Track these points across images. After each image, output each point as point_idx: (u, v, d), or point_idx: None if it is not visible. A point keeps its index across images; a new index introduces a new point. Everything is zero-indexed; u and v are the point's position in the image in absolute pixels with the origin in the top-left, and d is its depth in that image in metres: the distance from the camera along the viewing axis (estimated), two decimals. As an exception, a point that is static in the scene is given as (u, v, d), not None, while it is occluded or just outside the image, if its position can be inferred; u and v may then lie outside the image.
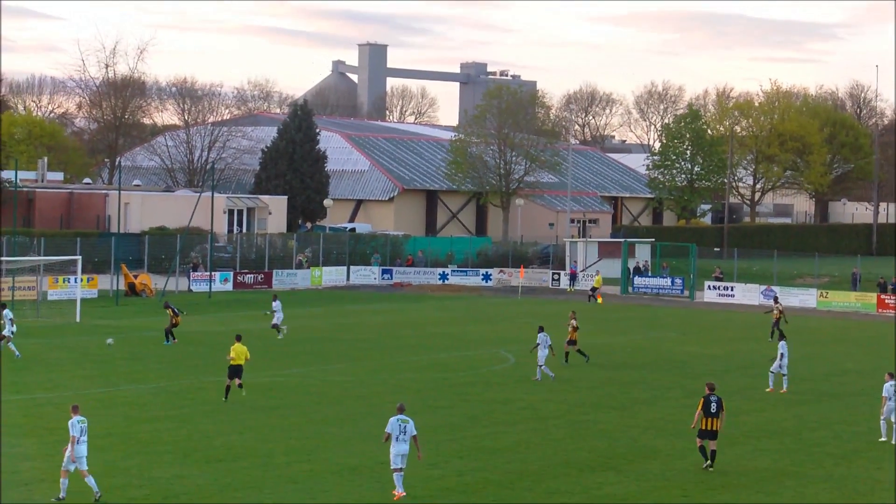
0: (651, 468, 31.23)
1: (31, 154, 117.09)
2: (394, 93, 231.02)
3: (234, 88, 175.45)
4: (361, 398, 40.19)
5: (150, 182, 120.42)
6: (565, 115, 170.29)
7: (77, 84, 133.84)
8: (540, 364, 44.99)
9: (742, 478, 30.66)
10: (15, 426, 33.53)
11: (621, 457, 32.42)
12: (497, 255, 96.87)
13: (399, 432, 27.66)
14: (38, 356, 47.98)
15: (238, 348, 39.75)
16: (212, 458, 30.79)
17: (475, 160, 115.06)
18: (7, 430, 33.01)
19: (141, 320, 61.73)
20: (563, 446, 33.48)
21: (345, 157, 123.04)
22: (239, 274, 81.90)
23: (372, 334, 58.45)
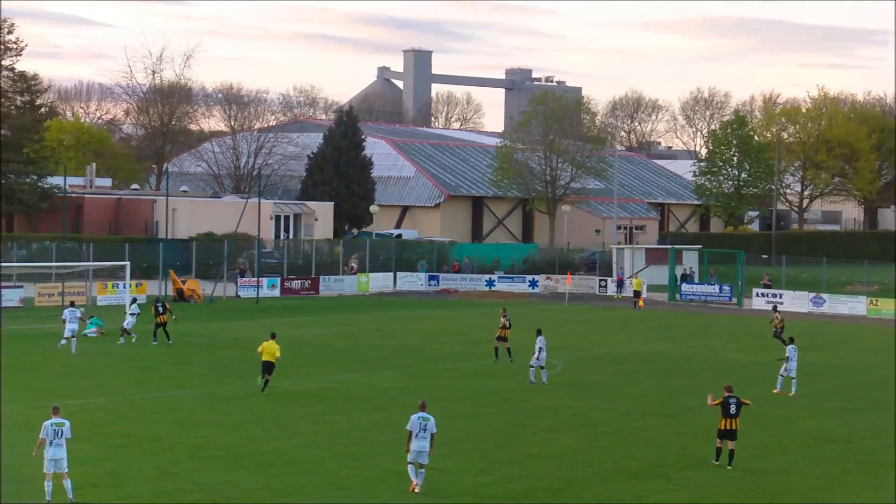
0: (701, 476, 31.05)
1: (79, 160, 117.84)
2: (439, 99, 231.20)
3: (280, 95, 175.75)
4: (408, 405, 40.02)
5: (197, 188, 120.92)
6: (611, 122, 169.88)
7: (124, 90, 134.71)
8: (538, 366, 44.91)
9: (792, 486, 30.43)
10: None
11: (670, 465, 32.25)
12: (543, 261, 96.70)
13: (419, 429, 28.31)
14: (87, 361, 48.26)
15: (268, 345, 40.85)
16: (261, 463, 30.84)
17: (521, 166, 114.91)
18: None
19: (188, 326, 61.94)
20: (612, 454, 33.33)
21: (390, 164, 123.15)
22: (286, 280, 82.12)
23: (418, 341, 58.44)
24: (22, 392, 40.47)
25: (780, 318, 59.68)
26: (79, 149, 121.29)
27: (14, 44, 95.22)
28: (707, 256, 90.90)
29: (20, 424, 34.25)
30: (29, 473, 28.20)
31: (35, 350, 51.07)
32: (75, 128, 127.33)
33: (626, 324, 70.17)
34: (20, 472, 28.81)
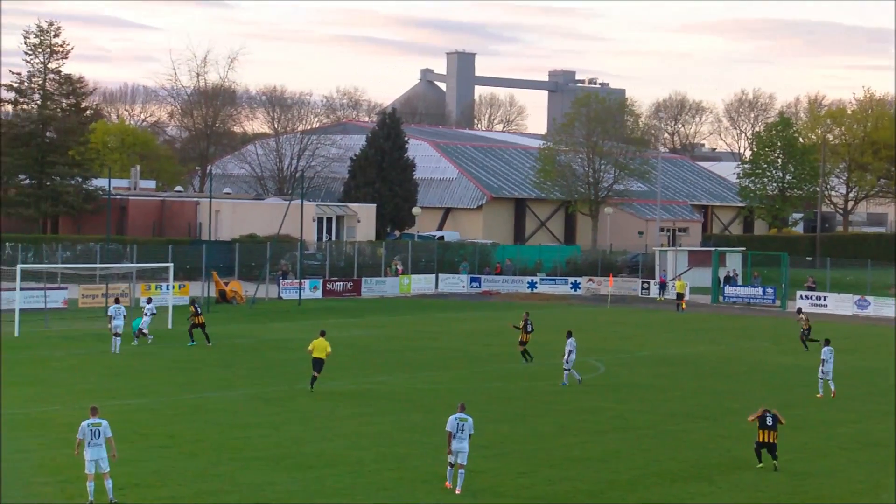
0: (744, 479, 30.86)
1: (123, 162, 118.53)
2: (482, 101, 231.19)
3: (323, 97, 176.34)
4: (451, 407, 39.88)
5: (241, 190, 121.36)
6: (654, 124, 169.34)
7: (169, 93, 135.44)
8: (567, 368, 44.89)
9: (835, 489, 30.22)
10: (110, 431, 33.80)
11: (714, 467, 32.07)
12: (586, 263, 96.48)
13: (457, 430, 28.47)
14: (130, 362, 48.48)
15: (318, 343, 41.82)
16: (302, 464, 30.88)
17: (564, 168, 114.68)
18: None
19: (232, 327, 62.15)
20: (654, 456, 33.18)
21: (433, 166, 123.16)
22: (328, 281, 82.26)
23: (460, 342, 58.41)
24: (66, 393, 40.70)
25: (805, 318, 59.27)
26: (123, 151, 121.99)
27: (60, 47, 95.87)
28: (751, 259, 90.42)
29: (64, 425, 34.40)
30: (74, 474, 28.36)
31: (79, 351, 51.37)
32: (120, 130, 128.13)
33: (669, 326, 69.90)
34: (63, 472, 28.97)
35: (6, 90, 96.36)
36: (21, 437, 32.95)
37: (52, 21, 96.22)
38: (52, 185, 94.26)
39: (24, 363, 47.38)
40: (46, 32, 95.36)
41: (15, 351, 50.56)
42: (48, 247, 79.35)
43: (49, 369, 46.07)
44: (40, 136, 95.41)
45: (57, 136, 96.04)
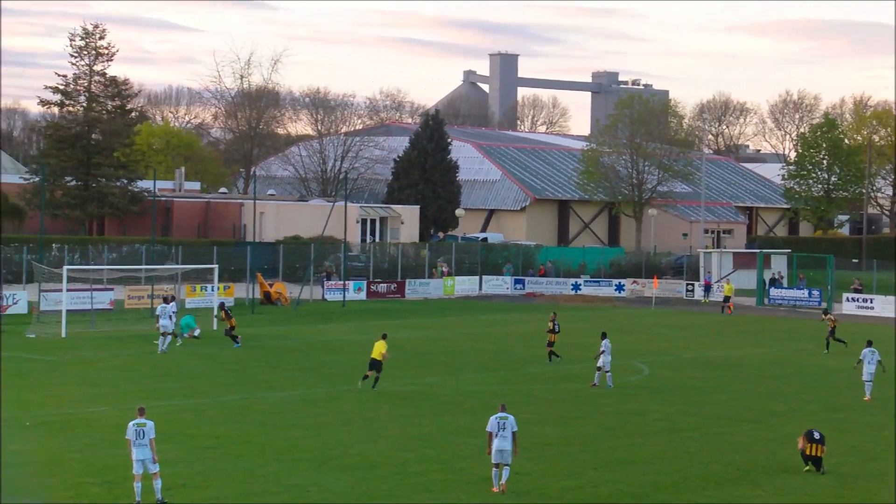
0: (791, 483, 30.68)
1: (168, 164, 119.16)
2: (525, 102, 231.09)
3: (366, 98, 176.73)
4: (495, 409, 39.98)
5: (284, 191, 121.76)
6: (698, 125, 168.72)
7: (213, 95, 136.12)
8: (603, 369, 44.82)
9: (884, 492, 29.99)
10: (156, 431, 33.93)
11: (760, 470, 31.90)
12: (630, 265, 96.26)
13: (498, 429, 28.60)
14: (177, 363, 48.72)
15: (378, 345, 42.84)
16: (347, 466, 30.93)
17: (607, 170, 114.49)
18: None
19: (276, 328, 62.37)
20: (700, 459, 33.04)
21: (476, 167, 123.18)
22: (372, 283, 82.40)
23: (505, 344, 58.37)
24: (112, 393, 40.93)
25: (832, 318, 58.84)
26: (168, 153, 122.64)
27: (106, 49, 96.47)
28: (796, 261, 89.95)
29: (111, 426, 34.60)
30: (120, 474, 28.52)
31: (125, 352, 51.66)
32: (165, 132, 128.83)
33: (714, 328, 69.63)
34: (110, 473, 29.13)
35: (52, 92, 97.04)
36: (68, 437, 33.16)
37: (97, 24, 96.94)
38: (98, 186, 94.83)
39: (71, 364, 47.72)
40: (92, 35, 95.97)
41: (62, 352, 50.93)
42: (94, 248, 79.78)
43: (96, 370, 46.36)
44: (86, 138, 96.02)
45: (102, 138, 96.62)
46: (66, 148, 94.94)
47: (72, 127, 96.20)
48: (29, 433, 33.58)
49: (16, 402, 38.34)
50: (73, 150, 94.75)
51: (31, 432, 33.69)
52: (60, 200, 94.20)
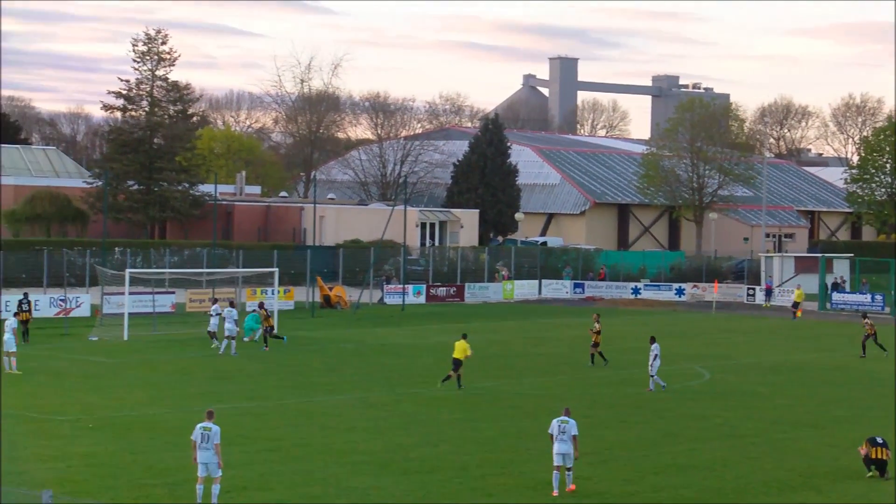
0: (854, 489, 30.41)
1: (229, 168, 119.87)
2: (585, 106, 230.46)
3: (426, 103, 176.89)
4: (555, 413, 39.73)
5: (344, 195, 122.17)
6: (760, 128, 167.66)
7: (273, 99, 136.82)
8: (651, 374, 44.60)
9: (949, 501, 29.66)
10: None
11: (822, 476, 31.63)
12: (690, 269, 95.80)
13: (559, 432, 28.84)
14: (236, 366, 48.97)
15: (459, 344, 43.69)
16: (407, 469, 30.97)
17: (667, 174, 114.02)
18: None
19: (336, 332, 62.55)
20: (761, 464, 32.82)
21: (536, 171, 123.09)
22: (431, 287, 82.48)
23: (564, 348, 58.25)
24: (174, 396, 41.21)
25: (870, 323, 58.19)
26: (229, 157, 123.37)
27: (168, 54, 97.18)
28: (858, 265, 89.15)
29: (173, 428, 34.87)
30: (182, 476, 28.72)
31: (186, 355, 51.99)
32: (226, 136, 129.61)
33: (775, 333, 69.17)
34: (172, 474, 29.31)
35: (115, 97, 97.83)
36: (131, 439, 33.41)
37: (159, 29, 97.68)
38: (160, 190, 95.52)
39: (133, 366, 48.10)
40: (154, 40, 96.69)
41: (124, 354, 51.34)
42: (156, 252, 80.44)
43: (157, 373, 46.70)
44: (148, 142, 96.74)
45: (164, 142, 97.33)
46: (128, 152, 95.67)
47: (134, 131, 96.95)
48: (93, 435, 33.86)
49: (80, 405, 38.70)
50: (136, 155, 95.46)
51: (94, 434, 33.97)
52: (123, 204, 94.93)
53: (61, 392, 41.15)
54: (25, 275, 70.79)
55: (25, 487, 27.06)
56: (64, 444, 32.37)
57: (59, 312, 63.55)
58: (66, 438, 33.21)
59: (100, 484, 28.33)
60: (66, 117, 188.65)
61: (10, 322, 45.98)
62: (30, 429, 34.45)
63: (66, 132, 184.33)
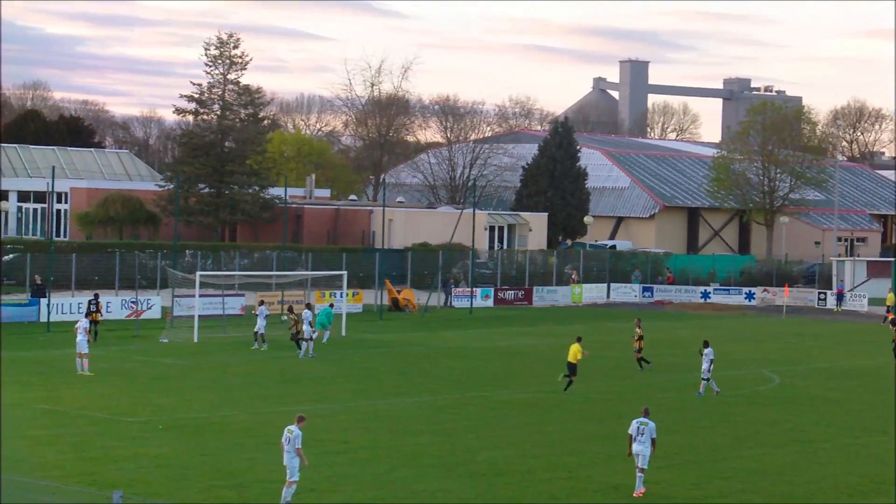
0: (925, 496, 30.09)
1: (299, 171, 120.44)
2: (655, 109, 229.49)
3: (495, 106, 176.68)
4: (623, 416, 39.79)
5: (413, 198, 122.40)
6: (832, 132, 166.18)
7: (344, 103, 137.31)
8: (705, 378, 44.42)
9: None
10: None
11: (892, 483, 31.25)
12: (761, 273, 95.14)
13: (637, 433, 29.07)
14: (305, 369, 49.21)
15: (572, 347, 44.43)
16: (475, 472, 30.98)
17: (738, 177, 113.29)
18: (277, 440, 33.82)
19: (404, 335, 62.69)
20: (832, 470, 32.55)
21: (605, 174, 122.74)
22: (499, 290, 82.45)
23: (632, 352, 57.93)
24: (243, 398, 41.46)
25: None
26: (299, 160, 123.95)
27: (239, 58, 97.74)
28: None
29: (241, 430, 35.12)
30: (250, 478, 28.92)
31: (255, 357, 52.29)
32: (296, 140, 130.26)
33: (846, 337, 68.54)
34: (239, 476, 29.50)
35: (187, 101, 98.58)
36: (200, 441, 33.66)
37: (231, 33, 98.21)
38: (231, 193, 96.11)
39: (203, 368, 48.46)
40: (226, 44, 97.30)
41: (195, 357, 51.74)
42: (226, 254, 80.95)
43: (227, 375, 47.01)
44: (219, 145, 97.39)
45: (235, 145, 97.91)
46: (199, 156, 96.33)
47: (206, 135, 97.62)
48: (163, 436, 34.15)
49: (150, 406, 39.05)
50: (207, 158, 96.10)
51: (164, 435, 34.26)
52: (194, 207, 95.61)
53: (132, 393, 41.54)
54: (98, 277, 71.53)
55: (96, 488, 27.36)
56: (134, 445, 32.68)
57: (131, 314, 64.16)
58: (136, 439, 33.52)
59: (169, 485, 28.57)
60: (139, 121, 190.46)
61: (82, 323, 46.46)
62: (100, 429, 34.82)
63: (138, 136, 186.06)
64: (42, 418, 36.32)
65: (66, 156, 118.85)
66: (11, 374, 44.91)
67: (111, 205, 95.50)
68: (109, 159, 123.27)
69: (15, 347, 52.69)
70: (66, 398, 39.91)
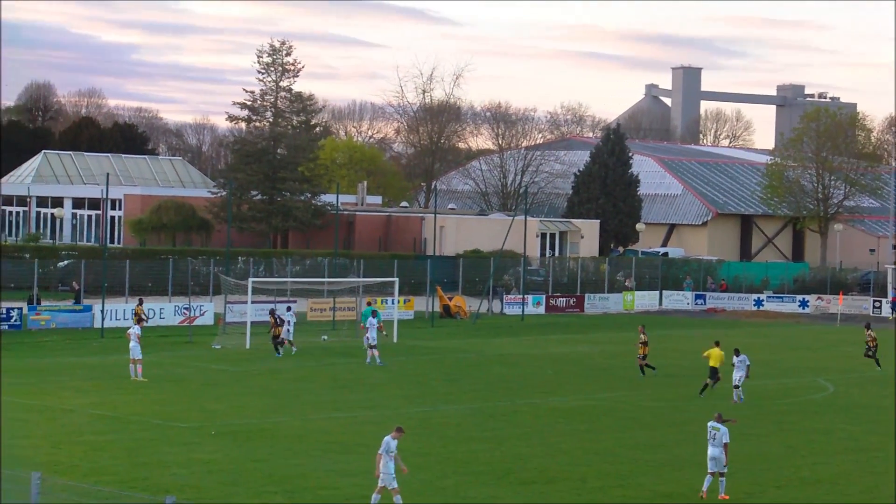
0: (982, 506, 29.74)
1: (351, 178, 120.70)
2: (708, 116, 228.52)
3: (547, 113, 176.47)
4: (675, 425, 39.72)
5: (465, 205, 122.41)
6: (888, 138, 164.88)
7: (395, 110, 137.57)
8: (736, 385, 44.06)
9: None
10: (337, 443, 34.45)
11: (949, 493, 30.97)
12: (815, 281, 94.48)
13: (710, 437, 29.27)
14: (357, 375, 49.27)
15: (714, 352, 44.89)
16: (525, 480, 30.89)
17: (792, 184, 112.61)
18: (329, 446, 33.98)
19: (455, 342, 62.66)
20: (887, 479, 32.21)
21: (657, 181, 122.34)
22: (551, 297, 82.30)
23: (685, 360, 57.71)
24: (294, 405, 41.54)
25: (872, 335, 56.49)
26: (351, 167, 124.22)
27: (292, 66, 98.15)
28: None
29: (294, 436, 35.18)
30: (300, 484, 28.98)
31: (307, 363, 52.40)
32: (348, 147, 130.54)
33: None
34: (290, 482, 29.54)
35: (240, 108, 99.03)
36: (252, 447, 33.74)
37: (283, 40, 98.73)
38: (283, 200, 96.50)
39: (254, 375, 48.60)
40: (278, 52, 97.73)
41: (246, 363, 51.92)
42: (278, 261, 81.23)
43: (278, 381, 47.13)
44: (272, 152, 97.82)
45: (287, 152, 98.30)
46: (252, 163, 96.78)
47: (258, 142, 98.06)
48: (214, 442, 34.27)
49: (202, 412, 39.20)
50: (259, 165, 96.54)
51: (216, 441, 34.38)
52: (246, 214, 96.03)
53: (184, 399, 41.73)
54: (151, 283, 71.98)
55: (149, 493, 27.49)
56: (186, 451, 32.81)
57: (184, 321, 64.48)
58: (188, 445, 33.66)
59: (221, 490, 28.65)
60: (193, 128, 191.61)
61: (134, 329, 46.70)
62: (153, 435, 34.98)
63: (191, 143, 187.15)
64: (96, 424, 36.54)
65: (120, 163, 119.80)
66: (66, 379, 45.27)
67: (164, 211, 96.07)
68: (163, 166, 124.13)
69: (69, 353, 53.12)
70: (120, 404, 40.14)
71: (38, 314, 61.56)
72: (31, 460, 30.40)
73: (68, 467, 29.97)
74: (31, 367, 48.50)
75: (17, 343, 55.66)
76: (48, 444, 32.96)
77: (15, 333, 58.82)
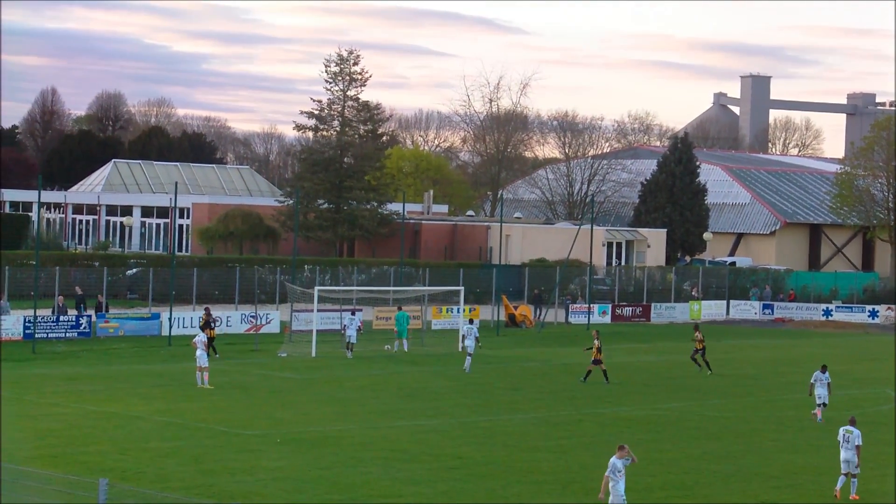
0: None
1: (417, 187, 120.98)
2: (777, 125, 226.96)
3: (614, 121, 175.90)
4: (741, 435, 39.43)
5: (531, 214, 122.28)
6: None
7: (462, 119, 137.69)
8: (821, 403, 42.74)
9: None
10: (401, 452, 34.49)
11: None
12: (885, 291, 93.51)
13: (843, 441, 30.84)
14: (421, 384, 49.33)
15: None
16: (590, 489, 30.76)
17: (862, 193, 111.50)
18: (394, 455, 34.02)
19: (520, 351, 62.58)
20: (956, 493, 31.86)
21: (725, 190, 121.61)
22: (617, 307, 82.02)
23: (752, 370, 57.37)
24: (359, 413, 41.64)
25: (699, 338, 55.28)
26: (417, 176, 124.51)
27: (360, 75, 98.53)
28: None
29: (358, 445, 35.24)
30: (363, 493, 29.01)
31: (372, 372, 52.54)
32: (414, 155, 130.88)
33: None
34: (357, 490, 29.62)
35: (307, 117, 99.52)
36: (317, 455, 33.85)
37: (351, 49, 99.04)
38: (349, 209, 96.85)
39: (320, 382, 48.79)
40: (346, 61, 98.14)
41: (312, 371, 52.12)
42: (344, 270, 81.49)
43: (344, 389, 47.27)
44: (338, 161, 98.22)
45: (354, 161, 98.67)
46: (319, 171, 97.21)
47: (325, 151, 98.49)
48: (280, 449, 34.42)
49: (268, 419, 39.39)
50: (326, 174, 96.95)
51: (281, 448, 34.54)
52: (313, 223, 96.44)
53: (250, 406, 41.96)
54: (218, 291, 72.48)
55: (215, 499, 27.68)
56: (252, 458, 32.98)
57: (250, 328, 64.84)
58: (253, 452, 33.83)
59: (286, 498, 28.77)
60: (260, 137, 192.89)
61: (200, 337, 47.02)
62: (219, 442, 35.19)
63: (259, 152, 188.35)
64: (163, 430, 36.83)
65: (189, 171, 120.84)
66: (134, 387, 45.66)
67: (231, 220, 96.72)
68: (230, 175, 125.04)
69: (137, 361, 53.58)
70: (187, 411, 40.43)
71: (106, 322, 62.13)
72: (98, 466, 30.72)
73: (135, 474, 30.23)
74: (100, 375, 48.98)
75: (86, 351, 56.26)
76: (116, 451, 33.26)
77: (84, 341, 59.43)
